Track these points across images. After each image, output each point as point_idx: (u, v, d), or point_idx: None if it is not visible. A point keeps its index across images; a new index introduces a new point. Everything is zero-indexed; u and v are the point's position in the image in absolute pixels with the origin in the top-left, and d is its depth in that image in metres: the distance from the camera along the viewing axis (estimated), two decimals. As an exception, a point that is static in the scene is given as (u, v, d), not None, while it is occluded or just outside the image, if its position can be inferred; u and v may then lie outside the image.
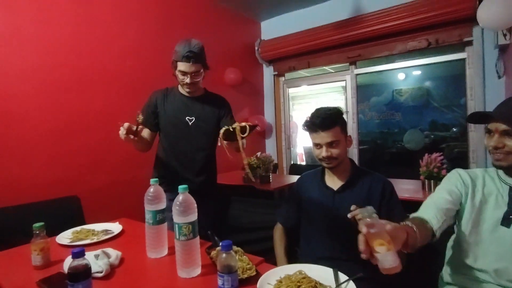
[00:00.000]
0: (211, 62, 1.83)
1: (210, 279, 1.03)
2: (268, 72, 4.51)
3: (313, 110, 1.41)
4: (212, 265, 1.11)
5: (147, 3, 2.97)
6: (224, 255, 0.87)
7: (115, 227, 1.55)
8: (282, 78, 4.53)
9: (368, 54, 3.63)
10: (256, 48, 4.28)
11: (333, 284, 0.95)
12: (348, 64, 3.88)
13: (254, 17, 4.33)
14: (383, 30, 3.30)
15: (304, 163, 6.67)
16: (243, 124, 1.37)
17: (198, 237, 1.07)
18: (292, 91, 4.70)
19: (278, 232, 1.55)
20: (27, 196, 1.96)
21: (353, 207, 1.02)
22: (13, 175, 2.08)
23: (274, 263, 1.38)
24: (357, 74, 3.87)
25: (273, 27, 4.32)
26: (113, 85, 2.62)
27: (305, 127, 1.40)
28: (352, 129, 3.84)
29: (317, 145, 1.37)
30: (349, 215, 0.96)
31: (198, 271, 1.07)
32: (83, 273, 0.84)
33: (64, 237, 1.44)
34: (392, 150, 5.24)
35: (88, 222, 1.71)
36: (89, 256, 1.10)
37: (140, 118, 1.47)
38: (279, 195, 3.03)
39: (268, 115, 4.55)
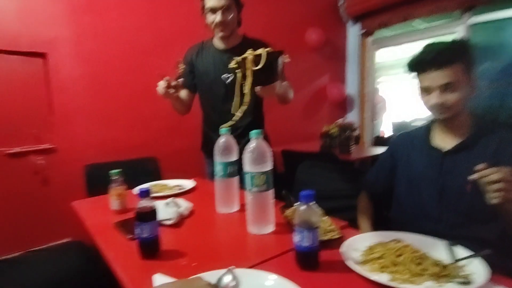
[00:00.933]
0: (289, 21, 1.63)
1: (283, 238, 0.89)
2: (353, 32, 4.01)
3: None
4: (287, 224, 0.97)
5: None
6: (303, 207, 0.71)
7: (189, 183, 1.56)
8: (370, 38, 3.97)
9: None
10: (340, 3, 3.80)
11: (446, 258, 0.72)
12: (458, 12, 3.10)
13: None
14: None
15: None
16: (259, 51, 1.07)
17: (272, 190, 0.94)
18: (379, 59, 4.11)
19: (363, 202, 1.33)
20: (111, 155, 2.08)
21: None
22: (101, 135, 2.28)
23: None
24: (472, 25, 3.07)
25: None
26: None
27: (411, 66, 1.09)
28: None
29: (425, 90, 1.06)
30: (472, 177, 0.74)
31: (270, 228, 0.95)
32: (150, 214, 0.81)
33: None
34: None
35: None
36: (160, 204, 1.09)
37: (182, 67, 1.38)
38: (359, 166, 2.75)
39: (351, 84, 4.12)
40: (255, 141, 0.91)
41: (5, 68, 1.97)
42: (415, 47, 1.12)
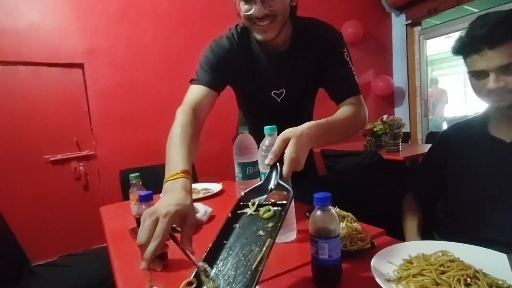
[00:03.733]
0: (327, 15, 1.36)
1: (307, 246, 0.77)
2: (397, 22, 3.72)
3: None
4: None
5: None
6: (318, 212, 0.59)
7: (216, 187, 1.51)
8: (418, 28, 3.66)
9: None
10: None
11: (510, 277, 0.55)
12: None
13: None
14: None
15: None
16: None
17: (291, 193, 0.81)
18: (429, 52, 3.74)
19: (409, 204, 1.16)
20: (146, 160, 2.12)
21: None
22: (137, 140, 2.36)
23: (401, 239, 1.02)
24: None
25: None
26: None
27: (460, 47, 0.92)
28: None
29: (479, 74, 0.88)
30: None
31: (293, 235, 0.85)
32: None
33: None
34: None
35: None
36: None
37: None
38: (410, 166, 2.48)
39: (399, 77, 3.80)
40: (269, 138, 0.80)
41: (46, 79, 2.13)
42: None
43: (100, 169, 2.27)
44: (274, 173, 0.66)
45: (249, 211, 0.63)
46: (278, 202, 0.61)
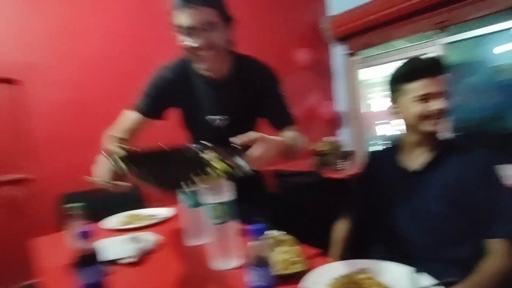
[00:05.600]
0: (276, 43, 1.45)
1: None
2: (338, 52, 4.07)
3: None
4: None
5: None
6: (254, 242, 0.66)
7: (168, 212, 1.46)
8: (355, 58, 4.04)
9: (461, 17, 2.96)
10: (323, 25, 3.88)
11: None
12: (435, 32, 3.24)
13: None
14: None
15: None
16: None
17: (236, 221, 0.89)
18: (364, 77, 4.15)
19: (341, 223, 1.28)
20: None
21: None
22: (80, 162, 2.16)
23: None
24: (447, 44, 3.21)
25: (342, 0, 3.82)
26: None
27: (400, 76, 1.07)
28: None
29: (422, 98, 1.02)
30: None
31: (235, 262, 0.88)
32: (89, 257, 0.73)
33: (111, 222, 1.40)
34: (492, 133, 4.37)
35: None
36: (120, 240, 1.04)
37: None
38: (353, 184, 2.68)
39: (341, 101, 4.14)
40: None
41: None
42: (395, 65, 1.11)
43: (38, 194, 2.08)
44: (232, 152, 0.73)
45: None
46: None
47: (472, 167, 1.01)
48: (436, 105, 1.00)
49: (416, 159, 1.08)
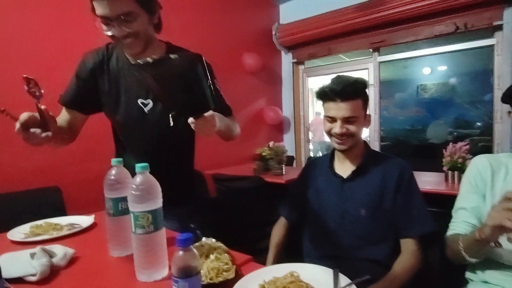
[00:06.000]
0: (227, 46, 1.43)
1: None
2: (287, 59, 4.25)
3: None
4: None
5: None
6: (180, 253, 0.64)
7: (86, 221, 1.29)
8: (302, 67, 4.26)
9: (392, 40, 3.36)
10: (273, 32, 4.02)
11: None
12: (371, 51, 3.61)
13: (272, -1, 4.07)
14: (409, 13, 3.04)
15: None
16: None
17: (162, 231, 0.84)
18: (312, 85, 4.40)
19: (278, 227, 1.36)
20: (5, 185, 1.80)
21: None
22: None
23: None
24: (380, 62, 3.58)
25: (293, 10, 4.02)
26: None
27: (320, 95, 1.17)
28: (374, 121, 3.57)
29: (331, 119, 1.15)
30: None
31: (163, 273, 0.83)
32: None
33: (18, 232, 1.18)
34: (415, 143, 5.12)
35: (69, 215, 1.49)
36: (24, 255, 0.90)
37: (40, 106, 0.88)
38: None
39: (286, 107, 4.31)
40: (140, 175, 0.82)
41: None
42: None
43: None
44: None
45: None
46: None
47: (391, 175, 1.14)
48: (336, 128, 1.12)
49: (346, 168, 1.21)
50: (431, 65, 4.80)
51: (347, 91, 1.10)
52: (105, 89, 1.17)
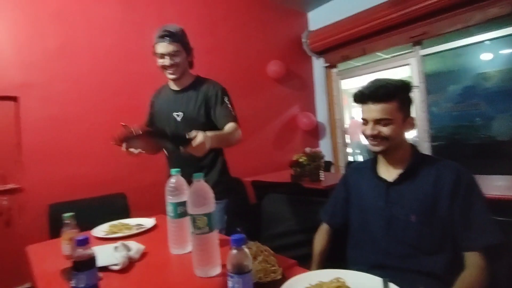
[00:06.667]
0: (255, 58, 1.69)
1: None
2: (318, 65, 4.25)
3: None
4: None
5: (189, 3, 3.01)
6: (234, 251, 0.72)
7: (149, 222, 1.53)
8: (335, 70, 4.21)
9: (436, 30, 3.08)
10: (303, 40, 4.06)
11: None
12: (411, 45, 3.38)
13: (300, 8, 4.13)
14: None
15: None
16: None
17: (216, 232, 0.96)
18: (346, 87, 4.32)
19: (320, 233, 1.33)
20: (80, 192, 2.10)
21: None
22: (69, 173, 2.29)
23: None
24: (423, 56, 3.34)
25: (322, 16, 4.04)
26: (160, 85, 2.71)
27: (354, 97, 1.17)
28: (421, 120, 3.36)
29: (364, 121, 1.14)
30: None
31: (217, 270, 0.94)
32: (87, 263, 0.79)
33: (100, 230, 1.46)
34: (474, 142, 4.29)
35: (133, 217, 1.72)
36: (108, 248, 1.08)
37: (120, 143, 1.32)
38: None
39: (320, 112, 4.29)
40: (196, 183, 0.94)
41: None
42: (376, 77, 1.19)
43: (26, 203, 2.12)
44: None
45: None
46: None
47: (444, 179, 1.04)
48: (367, 130, 1.11)
49: (391, 171, 1.14)
50: (491, 50, 4.04)
51: (378, 93, 1.08)
52: (156, 109, 1.70)
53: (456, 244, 1.01)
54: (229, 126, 1.49)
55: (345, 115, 4.37)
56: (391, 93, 1.08)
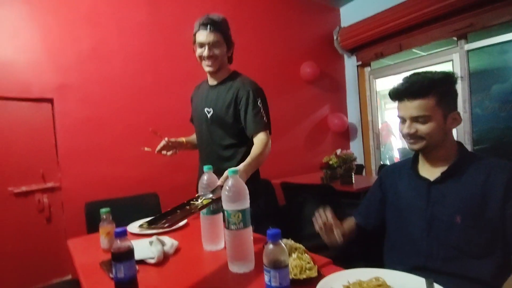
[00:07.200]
0: (285, 57, 1.67)
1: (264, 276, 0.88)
2: (350, 63, 4.12)
3: None
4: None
5: (215, 4, 3.02)
6: (271, 246, 0.72)
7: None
8: (368, 69, 4.06)
9: (484, 22, 2.83)
10: (335, 37, 3.94)
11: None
12: (455, 39, 3.14)
13: (332, 3, 4.00)
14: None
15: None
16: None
17: (250, 228, 0.95)
18: (380, 88, 4.12)
19: (349, 220, 1.30)
20: (114, 191, 2.19)
21: None
22: (104, 173, 2.39)
23: (347, 267, 1.16)
24: (468, 51, 3.08)
25: (355, 11, 3.88)
26: (190, 86, 2.75)
27: (390, 95, 1.11)
28: (463, 121, 3.15)
29: (401, 119, 1.08)
30: None
31: (251, 266, 0.95)
32: (125, 254, 0.81)
33: (135, 226, 1.48)
34: None
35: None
36: (144, 243, 1.10)
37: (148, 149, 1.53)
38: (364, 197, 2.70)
39: (352, 113, 4.17)
40: (231, 179, 0.93)
41: (16, 113, 2.14)
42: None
43: (64, 201, 2.24)
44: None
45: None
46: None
47: (495, 179, 0.97)
48: (405, 128, 1.05)
49: (434, 170, 1.08)
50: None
51: (413, 88, 1.02)
52: (193, 105, 1.68)
53: (507, 249, 0.94)
54: (259, 141, 1.39)
55: (378, 117, 4.19)
56: (427, 88, 1.01)
